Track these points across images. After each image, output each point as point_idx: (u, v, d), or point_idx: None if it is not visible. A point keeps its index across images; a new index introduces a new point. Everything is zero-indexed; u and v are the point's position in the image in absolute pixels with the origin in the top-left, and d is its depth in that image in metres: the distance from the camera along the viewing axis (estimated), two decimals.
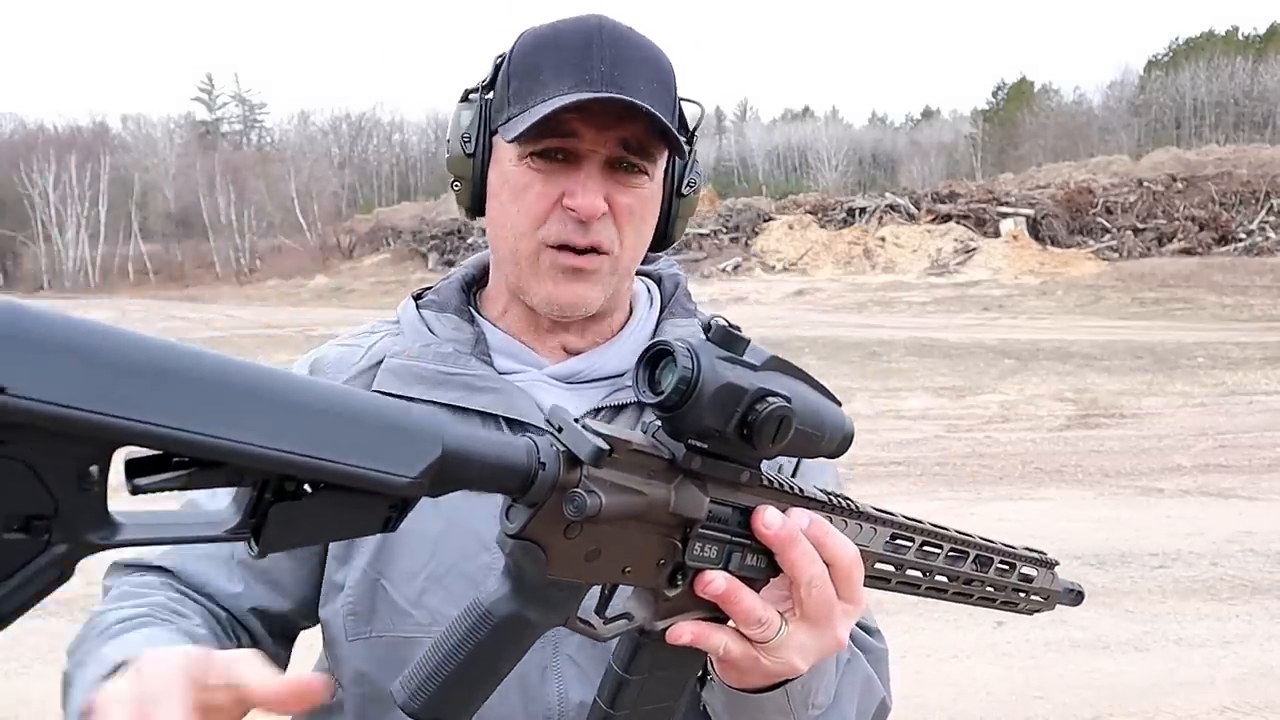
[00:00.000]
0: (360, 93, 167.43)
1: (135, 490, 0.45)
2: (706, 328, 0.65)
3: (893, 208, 31.88)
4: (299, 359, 1.07)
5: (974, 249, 28.75)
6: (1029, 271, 27.01)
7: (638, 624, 0.71)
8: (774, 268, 30.85)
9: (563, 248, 0.95)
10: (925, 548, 0.85)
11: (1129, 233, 28.93)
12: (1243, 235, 27.96)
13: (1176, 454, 8.50)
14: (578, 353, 1.04)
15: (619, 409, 0.99)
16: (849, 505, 0.79)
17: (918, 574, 0.84)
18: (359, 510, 0.51)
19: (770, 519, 0.71)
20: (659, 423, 0.67)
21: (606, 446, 0.59)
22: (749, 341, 0.65)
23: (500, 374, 1.00)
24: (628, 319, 1.08)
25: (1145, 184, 30.44)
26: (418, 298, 1.08)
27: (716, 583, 0.70)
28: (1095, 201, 30.08)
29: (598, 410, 0.98)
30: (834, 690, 0.88)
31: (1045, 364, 13.82)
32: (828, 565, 0.74)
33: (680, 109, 1.01)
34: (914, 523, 0.84)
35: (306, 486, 0.49)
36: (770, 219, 33.48)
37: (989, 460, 8.49)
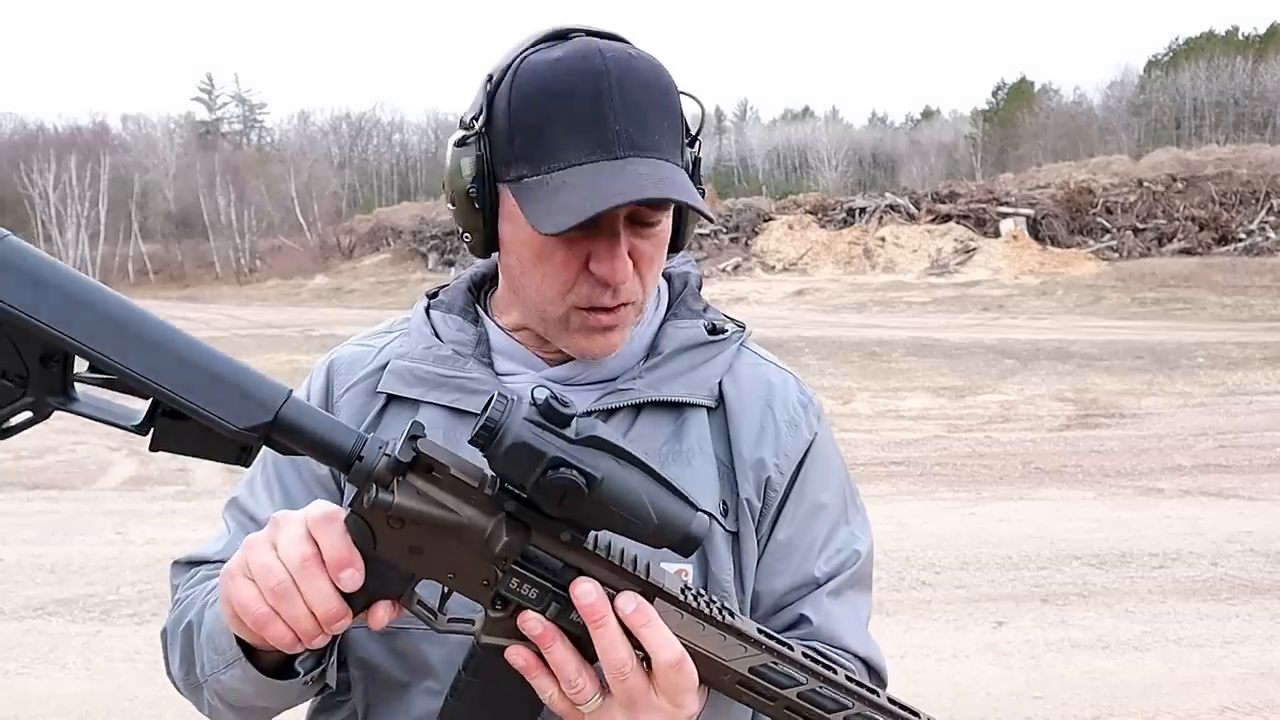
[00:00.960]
0: (360, 93, 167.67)
1: (74, 380, 0.67)
2: (539, 396, 0.70)
3: (893, 208, 31.84)
4: (318, 360, 1.09)
5: (974, 249, 28.72)
6: (1029, 271, 26.99)
7: (474, 631, 0.77)
8: (774, 268, 30.83)
9: (593, 310, 0.93)
10: (824, 692, 0.77)
11: (1129, 233, 28.89)
12: (1243, 235, 27.92)
13: (1176, 454, 8.51)
14: None
15: (610, 412, 0.97)
16: (711, 614, 0.76)
17: (798, 716, 0.77)
18: (217, 443, 0.69)
19: (583, 589, 0.72)
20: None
21: (406, 461, 0.70)
22: (573, 418, 0.70)
23: (499, 375, 1.00)
24: None
25: (1145, 184, 30.40)
26: (432, 296, 1.09)
27: (531, 624, 0.73)
28: (1095, 201, 30.04)
29: (589, 413, 0.96)
30: None
31: (1045, 364, 13.83)
32: (649, 656, 0.73)
33: (685, 123, 0.96)
34: (814, 663, 0.77)
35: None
36: (770, 219, 33.44)
37: (989, 460, 8.49)
